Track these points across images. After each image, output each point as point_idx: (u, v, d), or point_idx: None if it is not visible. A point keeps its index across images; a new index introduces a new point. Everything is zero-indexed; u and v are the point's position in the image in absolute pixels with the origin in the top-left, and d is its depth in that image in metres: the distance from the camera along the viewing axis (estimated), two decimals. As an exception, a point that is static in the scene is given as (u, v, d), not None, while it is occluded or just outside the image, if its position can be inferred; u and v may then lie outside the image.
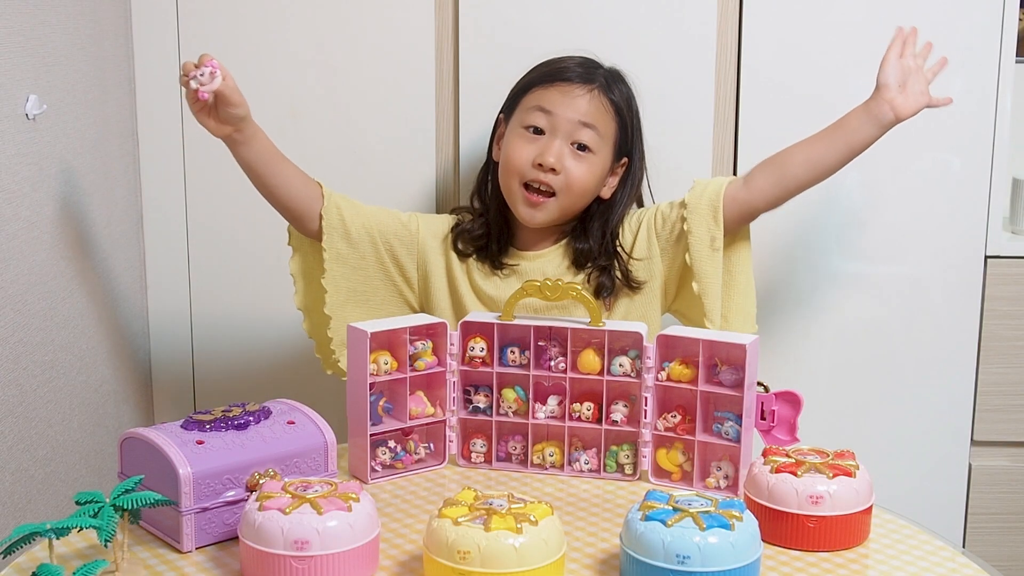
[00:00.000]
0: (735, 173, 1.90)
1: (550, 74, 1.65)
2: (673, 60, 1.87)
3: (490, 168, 1.72)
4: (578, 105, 1.61)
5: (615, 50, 1.83)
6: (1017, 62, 1.89)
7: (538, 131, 1.62)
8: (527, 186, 1.62)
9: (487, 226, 1.69)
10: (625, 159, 1.68)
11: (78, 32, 1.66)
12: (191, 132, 1.91)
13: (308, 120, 1.90)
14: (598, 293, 1.65)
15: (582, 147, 1.61)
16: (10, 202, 1.44)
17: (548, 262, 1.66)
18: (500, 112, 1.72)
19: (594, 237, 1.66)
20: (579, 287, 1.39)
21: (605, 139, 1.63)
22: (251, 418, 1.26)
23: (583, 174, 1.61)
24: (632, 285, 1.65)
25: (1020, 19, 1.88)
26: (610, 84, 1.66)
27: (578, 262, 1.67)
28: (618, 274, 1.65)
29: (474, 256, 1.69)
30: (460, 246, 1.69)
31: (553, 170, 1.59)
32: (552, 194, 1.61)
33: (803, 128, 1.88)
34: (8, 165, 1.43)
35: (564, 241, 1.68)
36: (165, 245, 1.95)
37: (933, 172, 1.89)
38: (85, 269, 1.69)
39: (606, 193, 1.68)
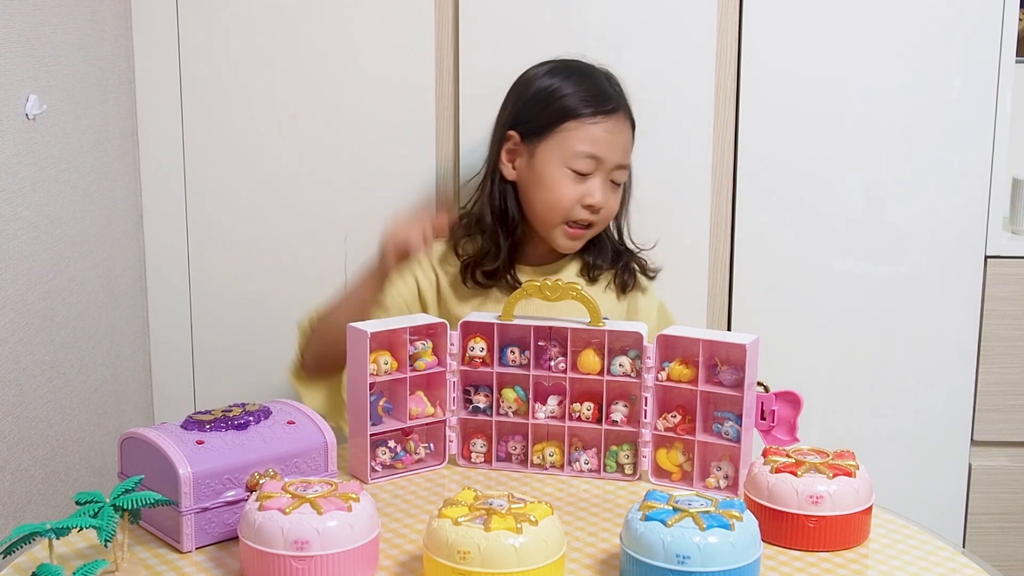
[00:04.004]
0: (734, 178, 1.90)
1: (589, 100, 1.61)
2: (673, 62, 1.87)
3: (495, 184, 1.68)
4: (617, 144, 1.63)
5: (615, 52, 1.83)
6: (1017, 62, 1.89)
7: (583, 173, 1.62)
8: (570, 222, 1.64)
9: (497, 249, 1.67)
10: None
11: (78, 32, 1.66)
12: (191, 132, 1.91)
13: (308, 120, 1.90)
14: (624, 288, 1.71)
15: (617, 182, 1.66)
16: (10, 202, 1.44)
17: (563, 275, 1.70)
18: (510, 127, 1.66)
19: (604, 244, 1.71)
20: (579, 287, 1.39)
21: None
22: (251, 418, 1.26)
23: (616, 203, 1.68)
24: (650, 275, 1.74)
25: (1020, 19, 1.88)
26: (621, 96, 1.67)
27: (590, 271, 1.71)
28: (635, 266, 1.73)
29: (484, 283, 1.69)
30: (480, 279, 1.67)
31: (599, 209, 1.64)
32: (591, 225, 1.66)
33: (802, 130, 1.89)
34: (8, 165, 1.43)
35: (583, 271, 1.73)
36: (165, 245, 1.95)
37: (933, 172, 1.89)
38: (85, 269, 1.69)
39: None
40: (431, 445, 1.45)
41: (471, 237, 1.71)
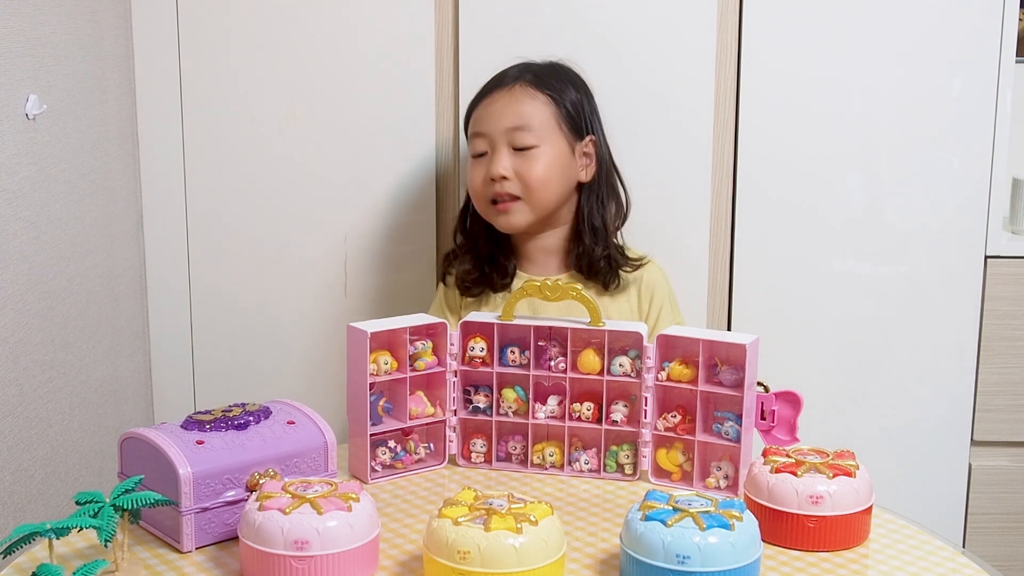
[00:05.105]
0: (734, 178, 1.90)
1: (478, 95, 1.71)
2: (673, 62, 1.87)
3: (468, 204, 1.76)
4: (500, 112, 1.65)
5: (615, 52, 1.83)
6: (1017, 62, 1.89)
7: (483, 154, 1.66)
8: (493, 201, 1.67)
9: (478, 257, 1.72)
10: (591, 136, 1.69)
11: (78, 32, 1.66)
12: (191, 132, 1.91)
13: (308, 120, 1.90)
14: (607, 286, 1.69)
15: (525, 147, 1.64)
16: (10, 202, 1.44)
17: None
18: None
19: (587, 232, 1.69)
20: (579, 287, 1.39)
21: (546, 128, 1.65)
22: (251, 418, 1.26)
23: (537, 169, 1.64)
24: (637, 263, 1.71)
25: (1020, 19, 1.88)
26: (538, 76, 1.68)
27: (587, 273, 1.69)
28: (615, 260, 1.69)
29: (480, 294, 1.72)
30: (473, 289, 1.71)
31: (504, 177, 1.63)
32: (516, 197, 1.65)
33: (802, 130, 1.89)
34: (8, 165, 1.43)
35: (573, 265, 1.72)
36: (165, 245, 1.95)
37: (933, 172, 1.89)
38: (85, 269, 1.69)
39: (585, 176, 1.70)
40: (431, 445, 1.45)
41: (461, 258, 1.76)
